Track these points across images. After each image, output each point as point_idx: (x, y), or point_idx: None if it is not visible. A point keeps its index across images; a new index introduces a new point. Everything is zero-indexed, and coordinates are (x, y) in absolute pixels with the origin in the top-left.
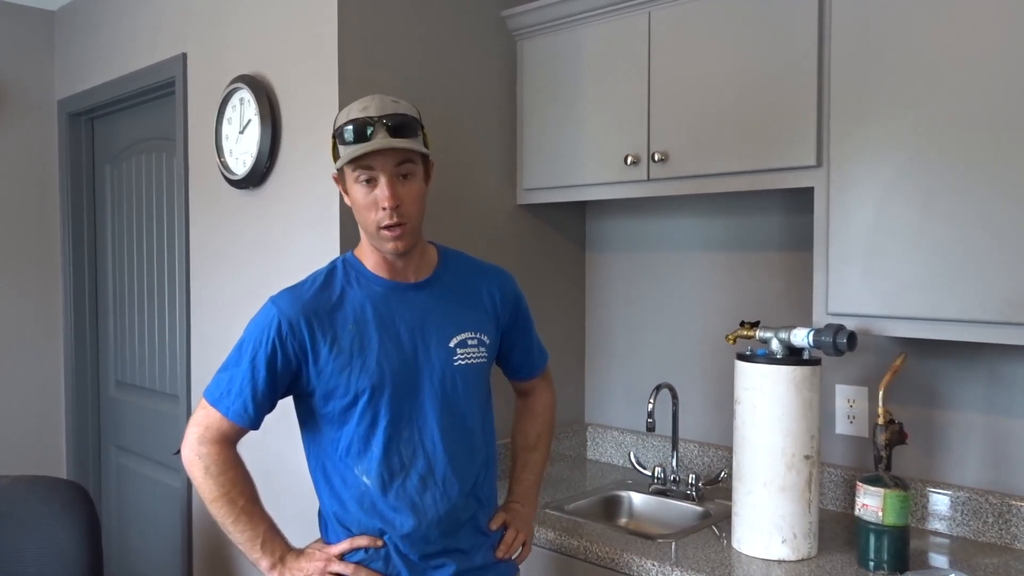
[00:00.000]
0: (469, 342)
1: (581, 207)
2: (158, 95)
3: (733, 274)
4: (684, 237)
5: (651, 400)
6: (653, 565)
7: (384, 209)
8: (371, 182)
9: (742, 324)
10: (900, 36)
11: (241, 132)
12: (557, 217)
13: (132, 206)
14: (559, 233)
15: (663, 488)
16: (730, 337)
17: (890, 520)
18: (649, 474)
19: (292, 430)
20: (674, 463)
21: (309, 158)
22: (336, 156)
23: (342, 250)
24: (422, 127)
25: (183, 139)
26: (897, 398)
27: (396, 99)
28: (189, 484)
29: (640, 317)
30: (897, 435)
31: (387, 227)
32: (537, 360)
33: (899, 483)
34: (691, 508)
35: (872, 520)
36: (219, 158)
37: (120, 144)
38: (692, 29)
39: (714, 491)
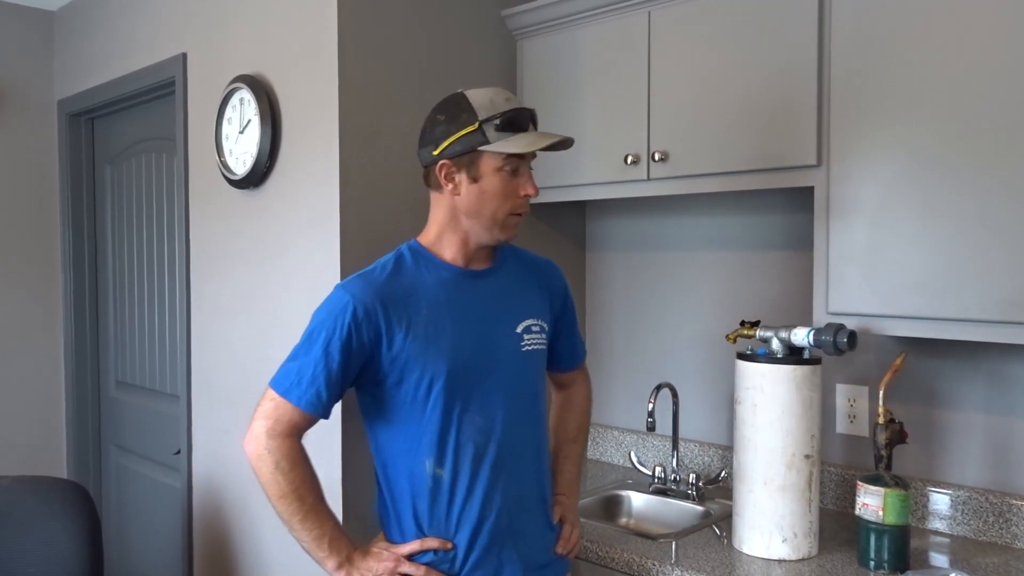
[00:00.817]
0: (533, 328)
1: (581, 207)
2: (158, 95)
3: (733, 273)
4: (684, 237)
5: (651, 400)
6: (654, 565)
7: (525, 197)
8: (513, 172)
9: (742, 323)
10: (900, 35)
11: (241, 132)
12: (557, 217)
13: (132, 206)
14: (559, 233)
15: (663, 488)
16: (730, 336)
17: (890, 519)
18: (649, 474)
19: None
20: (674, 463)
21: (309, 158)
22: (476, 141)
23: (342, 250)
24: None
25: (183, 139)
26: (897, 397)
27: None
28: (190, 484)
29: (640, 317)
30: (897, 434)
31: (520, 214)
32: (579, 352)
33: (899, 482)
34: (691, 508)
35: (872, 519)
36: (219, 158)
37: (120, 144)
38: (692, 28)
39: (714, 491)
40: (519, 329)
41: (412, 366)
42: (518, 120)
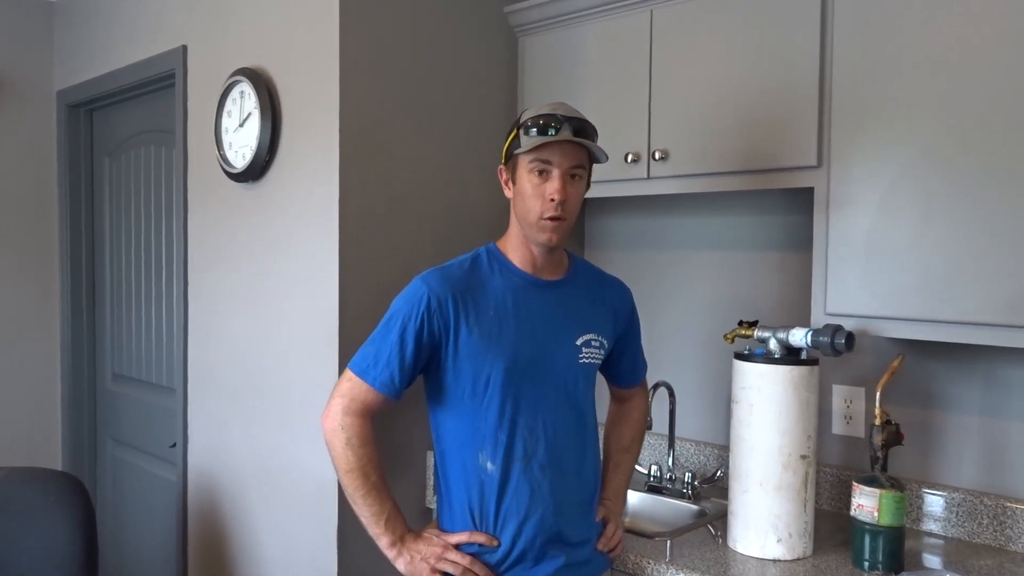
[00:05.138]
0: (593, 342)
1: (581, 204)
2: (158, 87)
3: (732, 273)
4: (683, 236)
5: (648, 398)
6: (649, 563)
7: (552, 201)
8: (543, 174)
9: (740, 323)
10: (901, 38)
11: (241, 125)
12: None
13: (131, 199)
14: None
15: (659, 486)
16: (728, 336)
17: (885, 520)
18: (645, 472)
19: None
20: (670, 461)
21: (309, 152)
22: (515, 146)
23: (341, 244)
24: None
25: (182, 132)
26: (894, 399)
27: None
28: (185, 477)
29: (638, 315)
30: (894, 436)
31: (549, 218)
32: (641, 370)
33: (895, 484)
34: (687, 507)
35: (868, 520)
36: (218, 151)
37: (119, 136)
38: (694, 28)
39: (710, 490)
40: (579, 342)
41: (472, 361)
42: (544, 124)
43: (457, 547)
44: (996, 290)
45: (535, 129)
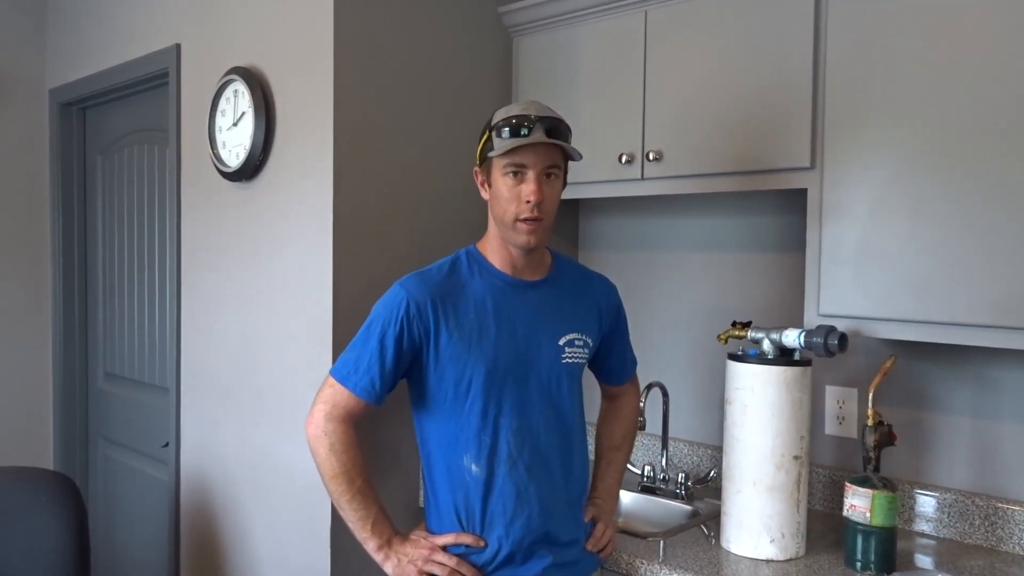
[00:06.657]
0: (576, 342)
1: (574, 205)
2: (151, 86)
3: (725, 274)
4: (677, 237)
5: (642, 398)
6: (642, 563)
7: (527, 202)
8: (518, 176)
9: (734, 324)
10: (895, 41)
11: (235, 124)
12: None
13: (123, 197)
14: (552, 231)
15: (652, 486)
16: (722, 337)
17: (878, 521)
18: (639, 472)
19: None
20: (664, 462)
21: (303, 151)
22: (488, 149)
23: (335, 244)
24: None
25: (176, 131)
26: (886, 400)
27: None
28: (178, 477)
29: (632, 316)
30: (886, 436)
31: (525, 220)
32: (629, 366)
33: (887, 484)
34: (680, 507)
35: (860, 521)
36: (212, 150)
37: (112, 135)
38: (689, 29)
39: (703, 490)
40: (561, 342)
41: (454, 364)
42: (515, 126)
43: (444, 548)
44: (986, 291)
45: (507, 130)
